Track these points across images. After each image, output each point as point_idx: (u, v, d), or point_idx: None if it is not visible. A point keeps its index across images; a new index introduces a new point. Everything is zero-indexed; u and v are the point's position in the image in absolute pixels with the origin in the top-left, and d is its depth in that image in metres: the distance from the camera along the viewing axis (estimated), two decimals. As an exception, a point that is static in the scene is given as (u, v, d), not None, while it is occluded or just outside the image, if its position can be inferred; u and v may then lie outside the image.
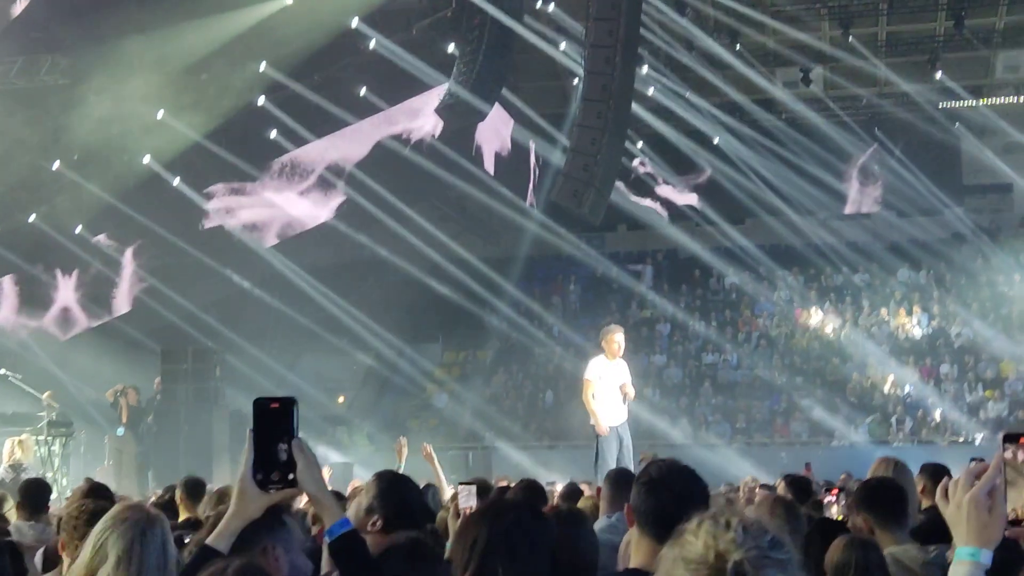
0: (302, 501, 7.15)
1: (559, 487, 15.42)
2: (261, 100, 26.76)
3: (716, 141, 33.90)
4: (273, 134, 27.73)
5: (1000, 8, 29.35)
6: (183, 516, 8.39)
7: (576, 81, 27.37)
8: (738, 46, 29.75)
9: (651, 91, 30.70)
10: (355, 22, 26.16)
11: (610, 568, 5.37)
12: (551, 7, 27.93)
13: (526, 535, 3.36)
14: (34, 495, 8.34)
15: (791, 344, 30.84)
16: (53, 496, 11.64)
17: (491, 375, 31.86)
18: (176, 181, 26.46)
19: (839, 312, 31.75)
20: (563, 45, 28.58)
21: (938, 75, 30.63)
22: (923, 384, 28.27)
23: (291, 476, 3.08)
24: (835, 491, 6.62)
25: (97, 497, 6.09)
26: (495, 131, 32.85)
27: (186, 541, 4.98)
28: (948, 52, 30.63)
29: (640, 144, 32.74)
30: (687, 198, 35.12)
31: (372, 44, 27.00)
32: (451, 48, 26.59)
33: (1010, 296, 31.28)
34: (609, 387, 13.58)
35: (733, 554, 2.10)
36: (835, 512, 6.75)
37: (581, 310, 34.27)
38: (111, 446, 21.10)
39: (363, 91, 28.20)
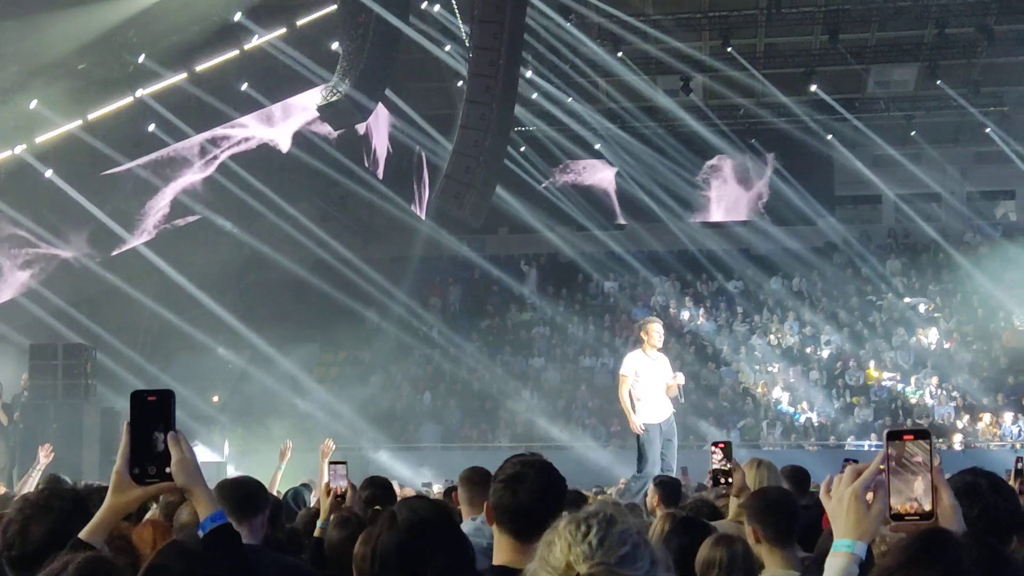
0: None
1: (436, 488, 15.46)
2: (140, 92, 26.21)
3: (597, 147, 34.28)
4: (152, 127, 27.17)
5: (872, 25, 30.25)
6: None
7: (460, 83, 27.42)
8: (620, 53, 30.11)
9: (534, 96, 30.91)
10: (237, 16, 25.79)
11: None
12: (436, 8, 27.93)
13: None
14: None
15: (667, 349, 31.23)
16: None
17: (369, 376, 31.71)
18: (49, 173, 25.76)
19: (713, 318, 32.34)
20: (448, 47, 28.60)
21: (813, 87, 31.42)
22: (793, 389, 28.94)
23: (168, 469, 3.05)
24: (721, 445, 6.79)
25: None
26: (382, 133, 32.69)
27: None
28: (823, 66, 31.43)
29: (523, 148, 32.91)
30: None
31: (254, 39, 26.65)
32: (335, 45, 26.40)
33: (877, 305, 32.20)
34: (649, 382, 12.85)
35: (580, 567, 2.16)
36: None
37: (460, 312, 34.34)
38: (-27, 445, 20.48)
39: (244, 86, 27.83)
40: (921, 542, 2.20)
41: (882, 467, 2.60)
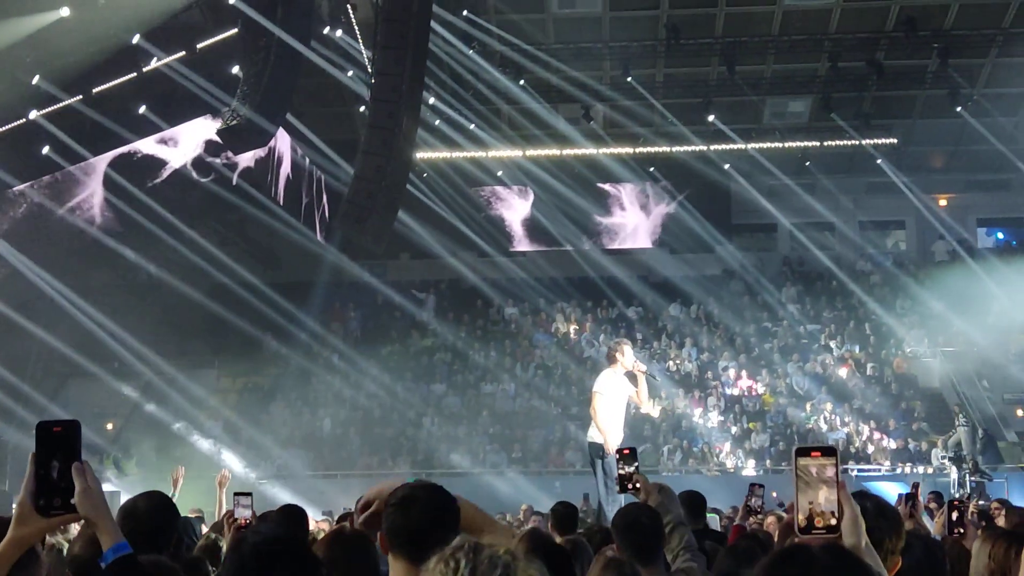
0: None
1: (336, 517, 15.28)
2: (34, 114, 25.69)
3: (500, 174, 34.43)
4: (46, 149, 26.62)
5: (768, 57, 30.91)
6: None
7: (363, 108, 27.38)
8: (522, 81, 30.34)
9: (437, 122, 30.98)
10: (136, 38, 25.44)
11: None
12: (339, 33, 27.87)
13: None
14: None
15: (567, 375, 31.42)
16: None
17: (268, 402, 31.34)
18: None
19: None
20: (350, 72, 28.55)
21: (711, 117, 31.94)
22: (692, 415, 29.22)
23: (73, 500, 3.01)
24: None
25: None
26: (283, 157, 32.44)
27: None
28: (720, 96, 31.99)
29: (425, 174, 32.91)
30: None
31: (153, 61, 26.31)
32: (235, 69, 26.20)
33: (773, 331, 32.72)
34: (617, 403, 12.47)
35: None
36: None
37: (362, 337, 34.11)
38: None
39: (142, 109, 27.42)
40: (777, 556, 2.26)
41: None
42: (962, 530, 6.90)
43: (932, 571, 4.18)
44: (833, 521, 2.66)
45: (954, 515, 6.98)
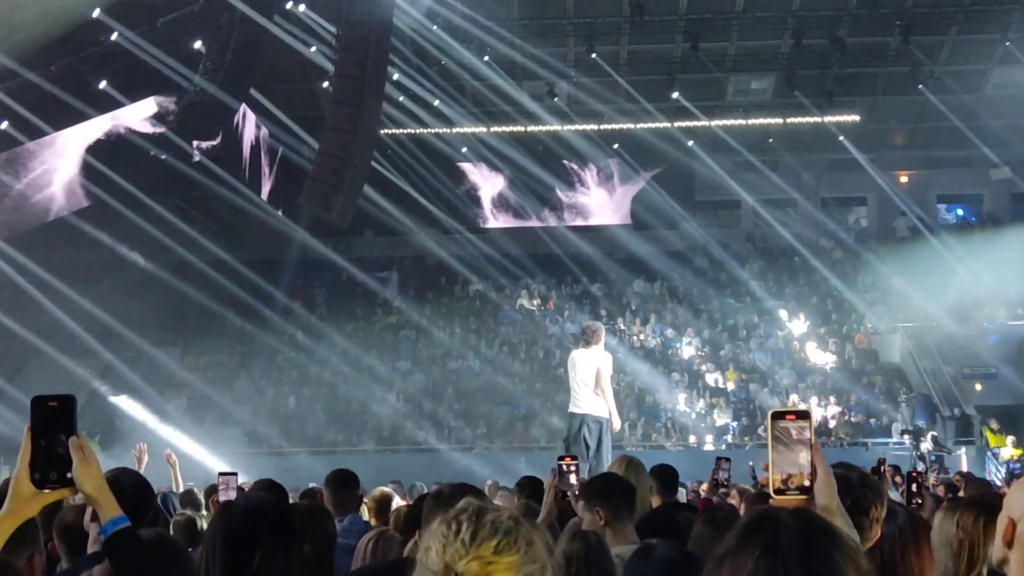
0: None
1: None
2: (-9, 88, 25.44)
3: (464, 150, 34.36)
4: (4, 125, 26.34)
5: (732, 34, 30.98)
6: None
7: (326, 84, 27.26)
8: (487, 57, 30.27)
9: (401, 98, 30.86)
10: (96, 12, 25.20)
11: (344, 569, 5.47)
12: (301, 8, 27.70)
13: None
14: None
15: (532, 352, 31.50)
16: None
17: (233, 379, 31.22)
18: None
19: (577, 321, 32.63)
20: (314, 47, 28.39)
21: (675, 94, 31.99)
22: (655, 391, 29.34)
23: (69, 474, 3.04)
24: None
25: None
26: (247, 133, 32.21)
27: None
28: (685, 73, 32.05)
29: (389, 151, 32.80)
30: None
31: (114, 36, 26.07)
32: (198, 44, 26.03)
33: (736, 308, 32.91)
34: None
35: (458, 566, 2.26)
36: None
37: (327, 314, 34.02)
38: None
39: (103, 84, 27.18)
40: (745, 524, 2.31)
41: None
42: (920, 500, 7.03)
43: (915, 536, 4.33)
44: (807, 482, 2.74)
45: (913, 486, 7.10)
